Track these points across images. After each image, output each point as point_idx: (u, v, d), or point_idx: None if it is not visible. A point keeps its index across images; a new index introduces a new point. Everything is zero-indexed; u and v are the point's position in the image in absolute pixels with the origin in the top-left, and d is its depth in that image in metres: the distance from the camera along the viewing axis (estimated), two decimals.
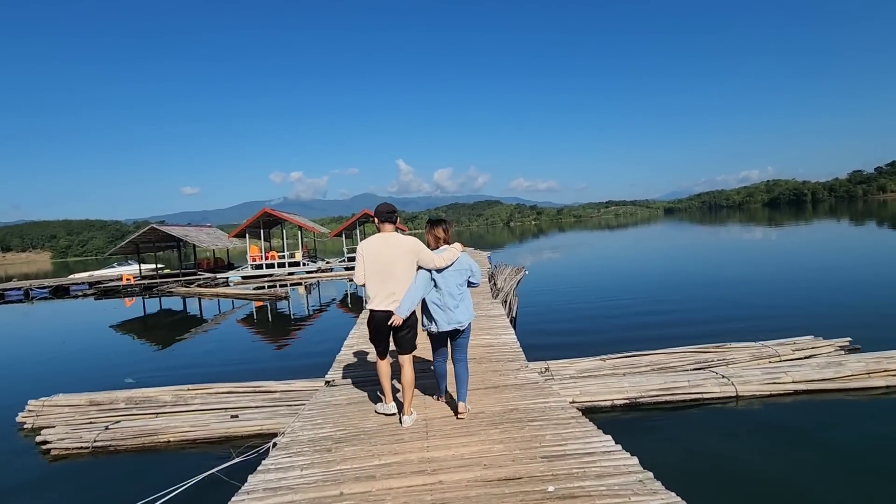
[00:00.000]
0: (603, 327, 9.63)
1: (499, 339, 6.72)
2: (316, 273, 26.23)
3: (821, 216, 58.26)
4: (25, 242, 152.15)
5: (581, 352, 7.58)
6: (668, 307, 11.29)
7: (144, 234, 26.12)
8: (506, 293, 12.33)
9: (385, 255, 3.97)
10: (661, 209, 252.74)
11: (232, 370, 8.86)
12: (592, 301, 13.03)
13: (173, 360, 10.24)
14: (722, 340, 7.43)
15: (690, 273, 17.20)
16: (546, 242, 51.16)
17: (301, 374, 8.17)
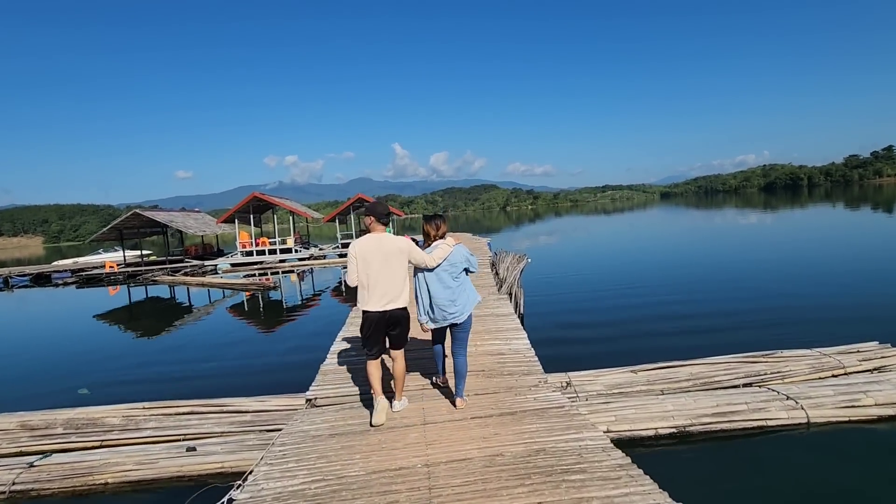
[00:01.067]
0: (623, 325, 8.70)
1: (510, 346, 5.76)
2: (308, 260, 25.19)
3: (820, 200, 57.57)
4: (17, 227, 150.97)
5: (603, 358, 6.66)
6: (690, 298, 10.40)
7: (128, 220, 24.91)
8: (510, 284, 11.38)
9: (379, 255, 3.99)
10: (657, 194, 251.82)
11: (206, 373, 7.91)
12: (606, 292, 12.11)
13: (143, 359, 9.25)
14: (760, 339, 6.54)
15: (704, 260, 16.28)
16: (544, 227, 50.22)
17: (285, 378, 7.30)
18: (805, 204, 51.93)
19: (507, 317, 6.94)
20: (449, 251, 4.16)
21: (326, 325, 10.21)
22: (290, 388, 5.79)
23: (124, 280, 23.65)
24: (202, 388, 7.12)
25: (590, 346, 7.51)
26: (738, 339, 6.81)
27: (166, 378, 7.82)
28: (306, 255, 25.37)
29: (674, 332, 7.99)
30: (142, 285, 21.66)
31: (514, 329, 6.34)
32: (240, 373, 7.85)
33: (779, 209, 46.36)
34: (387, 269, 3.98)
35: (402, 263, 4.04)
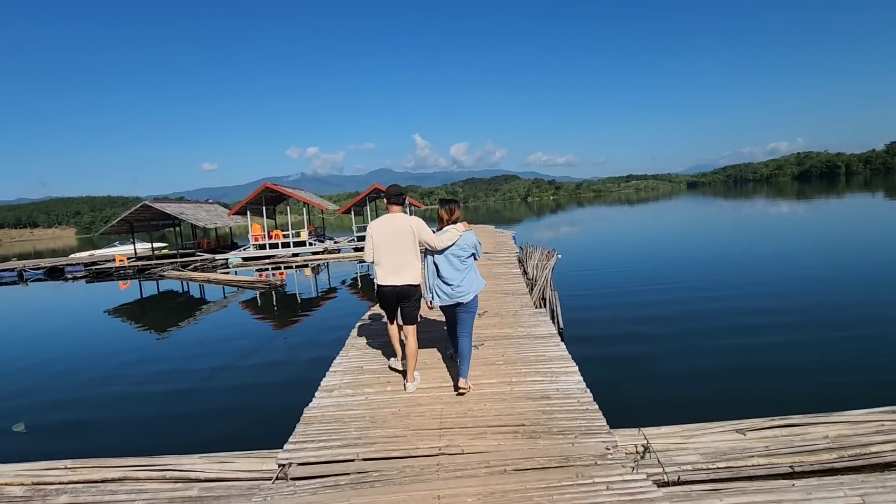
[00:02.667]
0: (694, 340, 7.13)
1: (557, 385, 4.26)
2: (322, 254, 24.00)
3: (862, 189, 54.16)
4: (51, 219, 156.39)
5: (682, 397, 5.17)
6: (781, 306, 8.68)
7: (138, 212, 24.07)
8: (541, 287, 9.85)
9: (392, 234, 4.27)
10: (683, 183, 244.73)
11: (177, 396, 6.65)
12: (658, 293, 10.54)
13: (110, 372, 8.04)
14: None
15: (770, 259, 14.36)
16: (567, 218, 48.24)
17: (271, 406, 6.01)
18: (853, 192, 48.78)
19: (547, 339, 5.41)
20: (458, 236, 4.35)
21: (333, 329, 8.91)
22: (275, 424, 4.57)
23: (134, 274, 22.85)
24: (164, 417, 5.86)
25: (656, 374, 5.97)
26: (879, 378, 5.25)
27: (127, 401, 6.59)
28: (320, 249, 24.19)
29: (770, 354, 6.36)
30: (152, 280, 20.81)
31: (560, 359, 4.83)
32: (216, 397, 6.57)
33: (828, 197, 43.44)
34: (398, 246, 4.29)
35: (412, 242, 4.30)
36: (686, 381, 5.83)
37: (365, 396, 4.35)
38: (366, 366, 5.06)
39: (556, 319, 7.52)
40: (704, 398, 5.24)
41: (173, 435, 5.55)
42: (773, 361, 6.18)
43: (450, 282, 4.31)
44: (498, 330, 5.78)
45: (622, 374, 6.05)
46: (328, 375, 4.89)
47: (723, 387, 5.56)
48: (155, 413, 6.21)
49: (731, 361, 6.26)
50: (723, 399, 5.21)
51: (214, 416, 6.00)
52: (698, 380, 5.83)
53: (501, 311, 6.60)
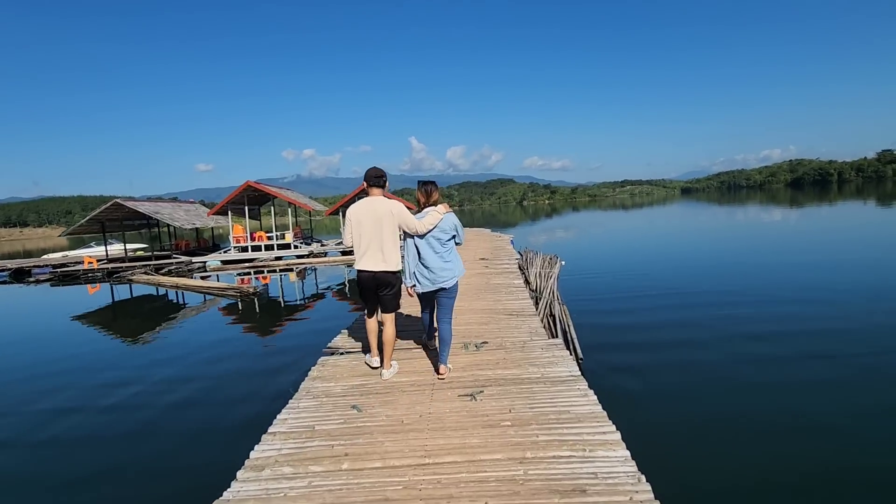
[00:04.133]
0: (749, 370, 5.74)
1: (593, 467, 2.82)
2: (308, 258, 22.50)
3: (854, 196, 53.39)
4: (42, 218, 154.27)
5: (756, 476, 3.78)
6: (818, 319, 7.35)
7: (109, 211, 22.45)
8: (547, 302, 8.45)
9: (370, 218, 4.16)
10: (677, 189, 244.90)
11: (87, 445, 5.18)
12: (676, 309, 9.15)
13: (43, 406, 6.57)
14: None
15: (795, 267, 13.04)
16: (563, 222, 46.98)
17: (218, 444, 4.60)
18: (846, 199, 47.89)
19: (570, 385, 3.94)
20: (439, 218, 4.23)
21: (308, 347, 7.48)
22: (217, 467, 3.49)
23: (103, 278, 21.25)
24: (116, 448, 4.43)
25: (710, 434, 4.55)
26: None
27: (66, 444, 5.10)
28: (305, 252, 22.68)
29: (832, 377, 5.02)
30: (121, 284, 19.23)
31: (591, 418, 3.38)
32: (135, 446, 5.11)
33: (822, 204, 42.43)
34: (377, 231, 4.16)
35: (391, 227, 4.17)
36: (712, 401, 4.49)
37: (307, 482, 2.92)
38: (320, 424, 3.63)
39: (570, 345, 6.11)
40: (777, 455, 3.87)
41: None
42: (779, 360, 4.82)
43: (431, 267, 4.23)
44: (502, 370, 4.34)
45: (675, 433, 4.59)
46: (263, 441, 3.44)
47: (793, 436, 4.20)
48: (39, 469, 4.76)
49: (782, 384, 4.90)
50: (798, 451, 3.86)
51: (117, 478, 4.56)
52: (727, 405, 4.44)
53: (506, 341, 5.12)
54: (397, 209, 4.18)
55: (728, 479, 3.87)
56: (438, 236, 4.24)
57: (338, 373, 4.64)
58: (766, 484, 3.76)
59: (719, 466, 4.03)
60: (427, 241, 4.23)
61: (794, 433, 4.45)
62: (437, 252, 4.24)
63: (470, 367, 4.46)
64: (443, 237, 4.26)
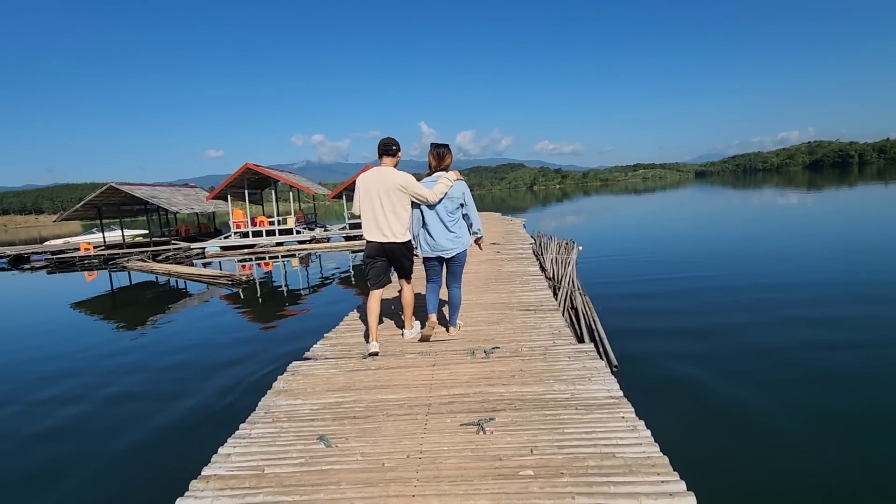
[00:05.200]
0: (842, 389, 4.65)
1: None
2: (310, 243, 21.60)
3: (876, 179, 51.17)
4: (56, 205, 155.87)
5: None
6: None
7: (105, 195, 21.68)
8: (567, 291, 7.43)
9: (379, 188, 4.05)
10: (691, 173, 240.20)
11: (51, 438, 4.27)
12: (714, 295, 8.06)
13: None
14: None
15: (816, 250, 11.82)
16: (575, 206, 45.56)
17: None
18: (868, 182, 45.87)
19: (611, 410, 2.86)
20: (449, 185, 4.11)
21: (301, 337, 6.56)
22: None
23: (100, 264, 20.55)
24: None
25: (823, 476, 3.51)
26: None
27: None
28: (307, 238, 21.78)
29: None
30: (118, 271, 18.51)
31: (644, 465, 2.35)
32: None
33: (842, 186, 40.56)
34: (387, 202, 4.06)
35: (401, 198, 4.08)
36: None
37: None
38: (272, 465, 2.65)
39: (598, 347, 5.08)
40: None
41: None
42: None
43: (434, 235, 4.15)
44: (519, 387, 3.31)
45: (761, 477, 3.53)
46: (191, 490, 2.49)
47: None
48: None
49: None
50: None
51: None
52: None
53: (522, 346, 4.08)
54: (407, 180, 4.06)
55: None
56: (445, 204, 4.12)
57: (309, 385, 3.67)
58: None
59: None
60: (434, 209, 4.12)
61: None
62: (442, 221, 4.13)
63: (477, 382, 3.47)
64: (449, 205, 4.13)
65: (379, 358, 4.12)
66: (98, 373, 6.79)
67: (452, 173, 4.22)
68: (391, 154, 4.18)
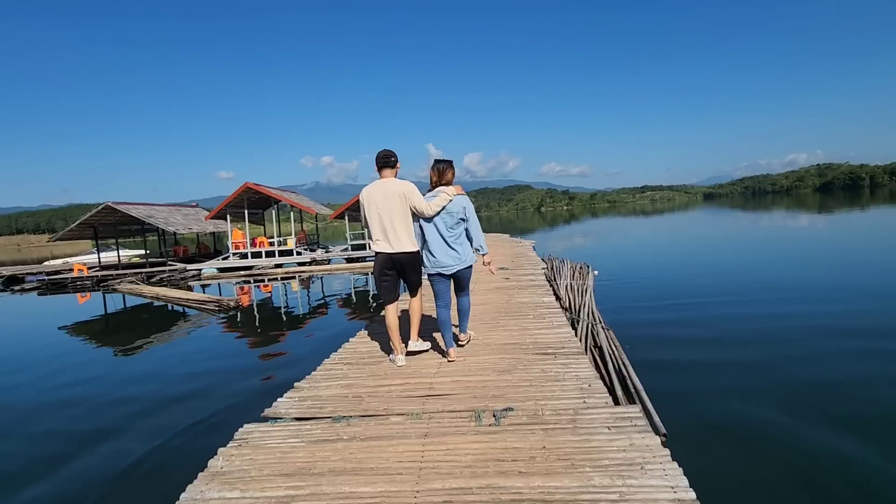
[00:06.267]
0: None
1: None
2: (309, 265, 20.76)
3: (889, 201, 49.85)
4: (69, 224, 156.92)
5: None
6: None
7: (101, 215, 21.06)
8: (587, 324, 6.46)
9: (382, 199, 4.02)
10: (700, 194, 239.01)
11: None
12: (754, 324, 7.01)
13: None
14: None
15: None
16: (584, 228, 44.57)
17: None
18: (879, 204, 44.58)
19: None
20: (448, 200, 4.02)
21: (284, 368, 5.61)
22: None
23: (93, 286, 19.80)
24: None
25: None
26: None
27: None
28: (307, 259, 20.95)
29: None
30: (110, 293, 17.74)
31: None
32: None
33: (854, 209, 39.32)
34: (390, 212, 4.01)
35: (404, 208, 4.03)
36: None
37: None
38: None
39: (628, 384, 4.08)
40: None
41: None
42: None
43: (434, 252, 4.07)
44: (543, 481, 2.28)
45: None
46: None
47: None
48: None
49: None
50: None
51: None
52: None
53: (543, 407, 3.09)
54: (407, 190, 4.00)
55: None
56: (445, 219, 4.02)
57: (257, 465, 2.71)
58: None
59: None
60: (433, 224, 4.02)
61: None
62: (442, 237, 4.03)
63: (483, 467, 2.49)
64: (449, 220, 4.02)
65: (355, 420, 3.17)
66: (23, 407, 5.89)
67: (453, 188, 4.08)
68: (391, 166, 4.13)
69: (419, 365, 4.22)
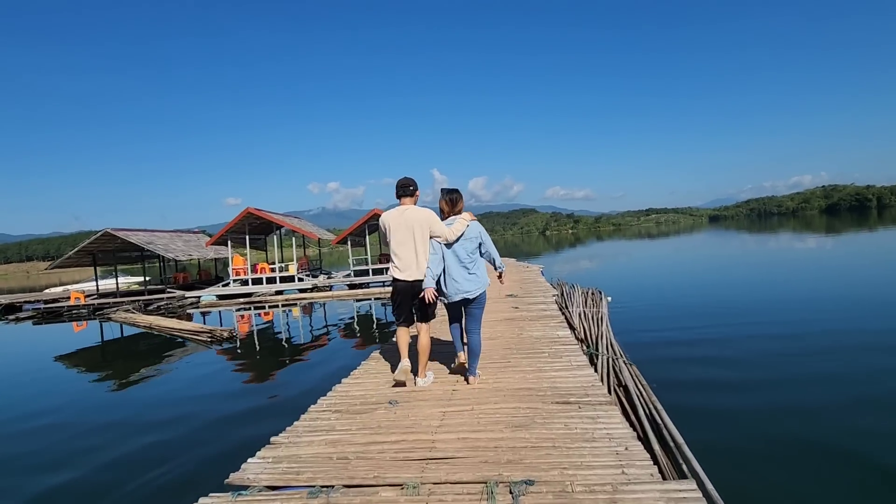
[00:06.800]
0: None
1: None
2: (311, 292, 20.21)
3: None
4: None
5: None
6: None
7: (100, 242, 20.71)
8: (607, 359, 5.84)
9: (403, 227, 4.10)
10: (705, 217, 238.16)
11: None
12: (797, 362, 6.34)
13: None
14: None
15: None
16: (589, 251, 43.92)
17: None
18: (888, 225, 43.72)
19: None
20: (466, 226, 4.14)
21: (273, 412, 4.97)
22: None
23: (89, 314, 19.30)
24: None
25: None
26: None
27: None
28: (308, 286, 20.41)
29: None
30: (105, 321, 17.22)
31: None
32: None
33: (866, 229, 38.49)
34: (409, 240, 4.09)
35: (423, 235, 4.10)
36: None
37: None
38: None
39: (671, 452, 3.45)
40: None
41: None
42: None
43: (454, 276, 4.13)
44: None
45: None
46: None
47: None
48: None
49: None
50: None
51: None
52: None
53: (573, 479, 2.47)
54: (428, 216, 4.13)
55: None
56: (465, 245, 4.16)
57: None
58: None
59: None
60: (453, 250, 4.14)
61: None
62: (461, 262, 4.14)
63: None
64: (468, 246, 4.17)
65: (337, 495, 2.57)
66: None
67: (467, 214, 4.22)
68: (409, 194, 4.19)
69: (419, 414, 3.62)
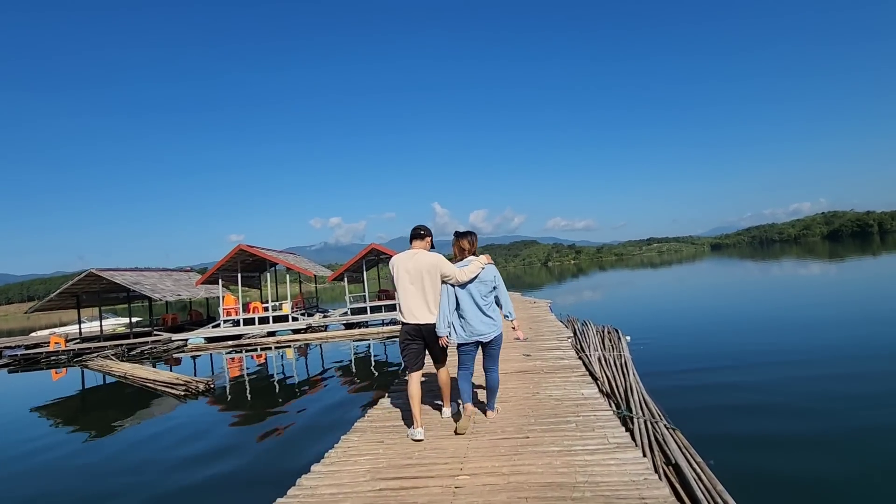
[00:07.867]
0: None
1: None
2: (304, 332, 19.09)
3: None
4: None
5: None
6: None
7: (84, 283, 19.76)
8: (645, 421, 4.80)
9: (412, 270, 4.12)
10: (707, 245, 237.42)
11: None
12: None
13: None
14: None
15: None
16: (592, 282, 42.78)
17: None
18: (891, 251, 42.68)
19: None
20: (480, 268, 4.13)
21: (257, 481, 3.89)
22: None
23: (68, 361, 18.16)
24: None
25: None
26: None
27: None
28: (302, 327, 19.30)
29: None
30: (83, 368, 16.09)
31: None
32: None
33: (869, 255, 37.46)
34: (419, 283, 4.10)
35: (434, 279, 4.11)
36: None
37: None
38: None
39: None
40: None
41: None
42: None
43: (469, 319, 4.07)
44: None
45: None
46: None
47: None
48: None
49: None
50: None
51: None
52: None
53: None
54: (437, 260, 4.13)
55: None
56: (479, 288, 4.09)
57: None
58: None
59: None
60: (468, 292, 4.09)
61: None
62: (477, 305, 4.08)
63: None
64: (483, 289, 4.10)
65: None
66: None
67: (484, 257, 4.22)
68: (420, 237, 4.28)
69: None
